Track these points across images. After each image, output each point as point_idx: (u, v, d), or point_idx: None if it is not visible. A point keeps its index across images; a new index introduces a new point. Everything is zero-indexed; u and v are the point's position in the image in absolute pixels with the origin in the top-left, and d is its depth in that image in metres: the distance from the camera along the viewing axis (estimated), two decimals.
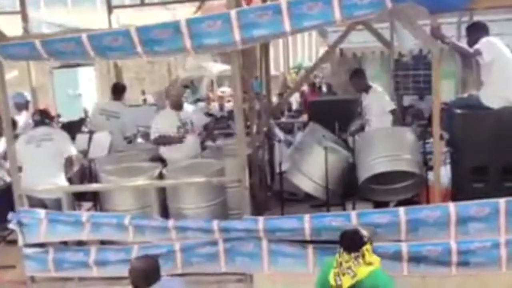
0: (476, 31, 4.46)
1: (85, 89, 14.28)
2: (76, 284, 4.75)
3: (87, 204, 5.59)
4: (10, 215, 4.62)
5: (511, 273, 4.20)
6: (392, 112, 5.22)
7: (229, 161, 4.99)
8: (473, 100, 4.46)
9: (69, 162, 5.03)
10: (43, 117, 5.13)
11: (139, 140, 6.93)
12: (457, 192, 4.52)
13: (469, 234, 4.15)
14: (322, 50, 26.27)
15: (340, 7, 3.87)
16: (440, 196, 4.59)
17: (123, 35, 4.04)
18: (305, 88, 14.01)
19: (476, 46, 4.28)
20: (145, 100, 12.71)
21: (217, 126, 7.94)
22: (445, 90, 5.91)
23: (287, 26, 3.94)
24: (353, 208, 4.99)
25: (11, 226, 4.60)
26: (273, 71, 22.70)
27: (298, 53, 27.13)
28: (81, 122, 7.38)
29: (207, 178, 4.58)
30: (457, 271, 4.23)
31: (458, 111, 4.46)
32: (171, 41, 4.01)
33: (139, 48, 4.04)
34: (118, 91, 6.76)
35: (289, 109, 11.66)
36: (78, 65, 12.58)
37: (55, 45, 4.16)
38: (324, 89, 14.58)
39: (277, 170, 5.64)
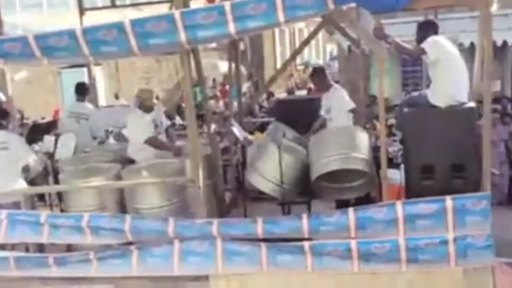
0: (425, 29, 4.50)
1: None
2: (37, 283, 4.83)
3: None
4: None
5: (460, 269, 4.26)
6: (352, 111, 5.27)
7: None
8: (422, 99, 4.50)
9: (25, 169, 5.06)
10: (5, 120, 5.15)
11: (112, 141, 7.00)
12: (409, 190, 4.56)
13: (417, 231, 4.20)
14: (329, 47, 26.27)
15: (283, 8, 3.92)
16: (393, 194, 4.66)
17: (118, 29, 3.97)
18: (311, 85, 13.71)
19: (421, 45, 4.32)
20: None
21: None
22: None
23: (231, 28, 3.98)
24: (309, 207, 5.08)
25: None
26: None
27: (305, 50, 27.12)
28: (50, 123, 7.45)
29: (160, 179, 4.64)
30: (407, 268, 4.29)
31: (406, 109, 4.51)
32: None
33: (133, 42, 3.98)
34: (81, 91, 6.77)
35: None
36: (85, 65, 12.67)
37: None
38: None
39: None
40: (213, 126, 5.50)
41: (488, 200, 4.13)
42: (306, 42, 6.98)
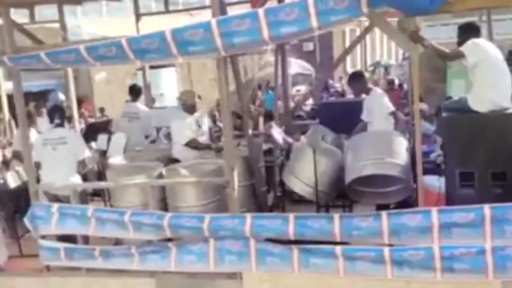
0: (466, 32, 4.35)
1: (167, 89, 14.92)
2: (84, 273, 5.15)
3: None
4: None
5: (498, 282, 4.09)
6: (392, 114, 5.19)
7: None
8: (462, 103, 4.35)
9: (82, 164, 5.43)
10: (61, 119, 5.53)
11: (163, 140, 7.28)
12: (449, 197, 4.43)
13: (452, 239, 4.08)
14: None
15: (316, 14, 3.92)
16: (431, 201, 4.54)
17: (159, 38, 4.20)
18: (383, 86, 13.37)
19: (460, 48, 4.19)
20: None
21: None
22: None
23: (265, 34, 4.03)
24: (350, 210, 5.06)
25: (25, 220, 5.05)
26: (349, 69, 22.64)
27: (376, 50, 26.65)
28: (105, 123, 7.85)
29: (196, 178, 4.79)
30: (442, 277, 4.17)
31: (444, 114, 4.38)
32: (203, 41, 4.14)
33: (174, 50, 4.19)
34: (135, 92, 7.13)
35: None
36: (160, 66, 13.41)
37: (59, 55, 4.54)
38: (405, 86, 13.99)
39: None
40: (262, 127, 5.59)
41: None
42: (356, 42, 6.95)
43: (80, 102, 9.11)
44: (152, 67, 13.02)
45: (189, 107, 5.78)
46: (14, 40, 4.91)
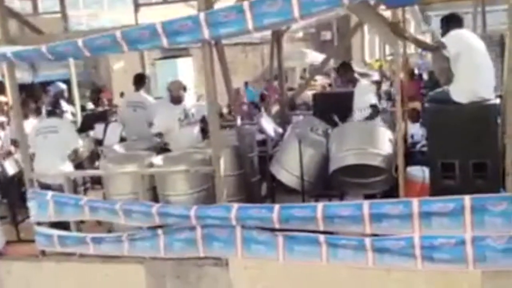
0: (448, 23, 4.35)
1: (183, 79, 14.93)
2: (77, 259, 5.29)
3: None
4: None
5: (478, 272, 4.13)
6: (372, 107, 5.23)
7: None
8: (444, 94, 4.35)
9: (74, 153, 5.54)
10: (55, 108, 5.65)
11: None
12: (432, 188, 4.46)
13: (433, 229, 4.12)
14: (422, 37, 25.31)
15: (298, 4, 3.99)
16: (414, 192, 4.58)
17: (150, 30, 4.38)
18: (402, 76, 13.02)
19: (442, 40, 4.19)
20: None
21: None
22: None
23: (249, 25, 4.14)
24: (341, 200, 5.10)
25: (28, 204, 5.21)
26: (368, 59, 22.29)
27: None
28: (103, 112, 7.94)
29: (184, 168, 4.88)
30: (422, 266, 4.22)
31: (427, 105, 4.40)
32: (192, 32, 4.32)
33: (164, 40, 4.38)
34: (139, 81, 7.16)
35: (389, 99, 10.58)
36: (177, 56, 13.54)
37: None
38: (425, 77, 13.69)
39: None
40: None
41: (510, 202, 3.96)
42: (352, 32, 6.95)
43: (99, 91, 9.31)
44: (168, 57, 13.14)
45: (174, 98, 5.87)
46: (8, 29, 5.02)
